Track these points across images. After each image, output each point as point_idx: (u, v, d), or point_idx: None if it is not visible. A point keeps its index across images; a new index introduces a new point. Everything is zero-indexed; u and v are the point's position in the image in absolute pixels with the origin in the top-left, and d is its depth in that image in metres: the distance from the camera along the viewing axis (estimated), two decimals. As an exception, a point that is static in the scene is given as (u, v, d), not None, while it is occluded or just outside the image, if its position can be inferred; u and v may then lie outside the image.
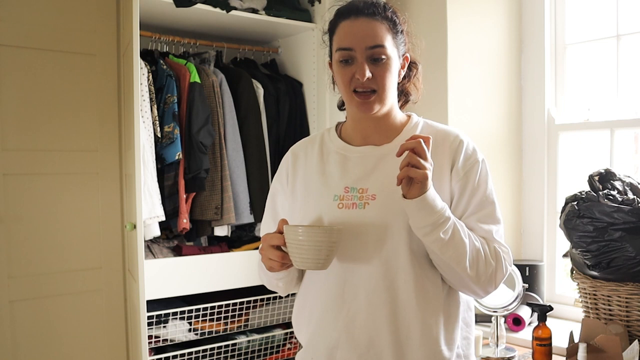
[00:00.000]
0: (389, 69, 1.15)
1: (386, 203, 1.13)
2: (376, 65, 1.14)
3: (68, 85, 2.50)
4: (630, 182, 1.79)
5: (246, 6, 2.38)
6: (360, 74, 1.12)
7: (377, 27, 1.14)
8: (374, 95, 1.15)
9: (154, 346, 2.23)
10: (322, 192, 1.20)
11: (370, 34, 1.13)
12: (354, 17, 1.15)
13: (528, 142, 2.39)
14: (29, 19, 2.41)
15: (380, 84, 1.14)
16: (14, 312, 2.38)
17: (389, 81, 1.15)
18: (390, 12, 1.18)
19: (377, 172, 1.18)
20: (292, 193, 1.28)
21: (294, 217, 1.23)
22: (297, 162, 1.29)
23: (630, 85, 2.14)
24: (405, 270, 1.12)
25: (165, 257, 2.27)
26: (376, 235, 1.13)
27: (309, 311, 1.22)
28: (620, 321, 1.67)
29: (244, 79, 2.44)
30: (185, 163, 2.23)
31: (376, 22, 1.15)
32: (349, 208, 1.16)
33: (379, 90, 1.14)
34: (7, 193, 2.37)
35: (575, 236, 1.72)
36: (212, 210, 2.27)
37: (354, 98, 1.15)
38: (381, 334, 1.13)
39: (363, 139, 1.23)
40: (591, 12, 2.27)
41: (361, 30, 1.13)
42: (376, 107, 1.16)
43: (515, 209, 2.40)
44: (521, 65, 2.40)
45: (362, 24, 1.14)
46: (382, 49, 1.13)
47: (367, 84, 1.13)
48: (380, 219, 1.13)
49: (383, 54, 1.14)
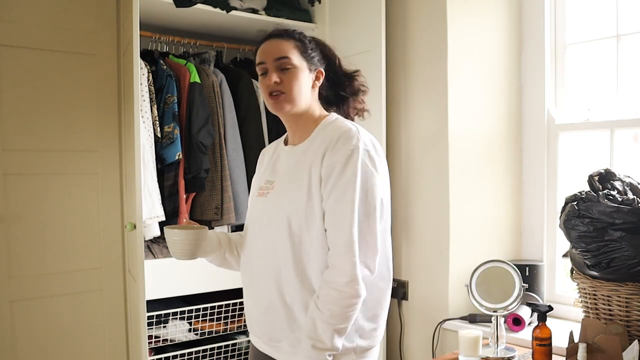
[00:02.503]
0: (296, 76, 1.37)
1: (278, 192, 1.40)
2: (284, 73, 1.37)
3: (68, 85, 2.51)
4: (630, 182, 1.79)
5: (246, 6, 2.38)
6: (269, 79, 1.37)
7: (283, 44, 1.39)
8: (283, 96, 1.36)
9: (154, 346, 2.23)
10: (257, 184, 1.51)
11: (277, 48, 1.38)
12: (267, 38, 1.42)
13: (528, 142, 2.39)
14: (29, 19, 2.41)
15: (287, 87, 1.36)
16: (14, 312, 2.38)
17: (296, 85, 1.37)
18: (298, 35, 1.42)
19: (282, 166, 1.44)
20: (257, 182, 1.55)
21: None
22: (263, 160, 1.57)
23: (630, 85, 2.14)
24: (286, 251, 1.34)
25: (165, 257, 2.27)
26: (269, 218, 1.39)
27: (243, 284, 1.51)
28: (620, 321, 1.67)
29: (244, 79, 2.44)
30: (185, 163, 2.23)
31: (283, 40, 1.40)
32: (262, 196, 1.45)
33: (287, 92, 1.36)
34: (7, 193, 2.37)
35: (575, 236, 1.72)
36: (212, 210, 2.27)
37: (270, 101, 1.39)
38: (272, 294, 1.38)
39: (292, 139, 1.47)
40: (591, 12, 2.27)
41: (270, 47, 1.39)
42: (286, 107, 1.37)
43: (515, 209, 2.40)
44: (521, 65, 2.40)
45: (271, 43, 1.40)
46: (287, 60, 1.37)
47: (276, 87, 1.36)
48: (272, 204, 1.39)
49: (289, 63, 1.37)
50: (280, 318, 1.36)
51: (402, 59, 2.38)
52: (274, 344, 1.40)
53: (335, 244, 1.27)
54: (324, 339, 1.25)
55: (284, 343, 1.37)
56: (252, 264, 1.45)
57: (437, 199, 2.24)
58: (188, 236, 1.40)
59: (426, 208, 2.31)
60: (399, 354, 2.42)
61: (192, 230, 1.42)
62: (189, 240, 1.41)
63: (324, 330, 1.25)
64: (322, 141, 1.35)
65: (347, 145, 1.29)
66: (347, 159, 1.27)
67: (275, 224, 1.36)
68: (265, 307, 1.40)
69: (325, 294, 1.26)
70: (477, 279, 1.90)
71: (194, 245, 1.42)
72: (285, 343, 1.37)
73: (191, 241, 1.41)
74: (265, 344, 1.43)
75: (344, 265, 1.25)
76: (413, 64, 2.35)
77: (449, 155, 2.21)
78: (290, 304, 1.35)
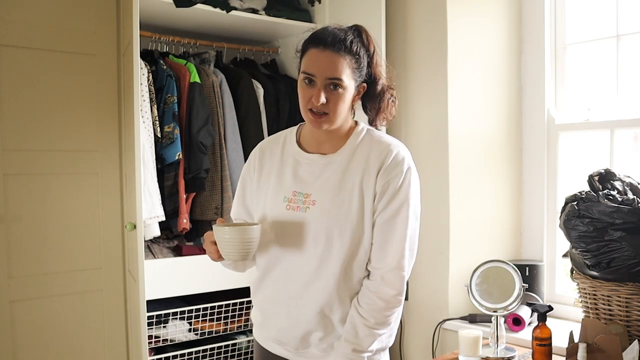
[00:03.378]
0: (343, 99, 1.32)
1: (322, 209, 1.34)
2: (332, 93, 1.31)
3: (68, 85, 2.51)
4: (630, 182, 1.79)
5: (246, 6, 2.38)
6: (316, 99, 1.30)
7: (339, 62, 1.30)
8: (325, 117, 1.32)
9: (154, 346, 2.23)
10: (276, 192, 1.41)
11: (332, 67, 1.30)
12: (322, 47, 1.31)
13: (528, 142, 2.39)
14: (29, 19, 2.41)
15: (332, 109, 1.32)
16: (14, 312, 2.38)
17: (341, 108, 1.33)
18: (357, 48, 1.33)
19: (319, 180, 1.37)
20: (257, 186, 1.46)
21: (258, 206, 1.45)
22: (263, 159, 1.48)
23: (630, 85, 2.14)
24: (335, 266, 1.33)
25: (165, 257, 2.27)
26: (314, 235, 1.34)
27: (261, 289, 1.46)
28: (620, 321, 1.67)
29: (244, 79, 2.44)
30: (185, 163, 2.23)
31: (339, 57, 1.30)
32: (294, 210, 1.37)
33: (330, 114, 1.32)
34: (7, 193, 2.37)
35: (575, 236, 1.72)
36: (212, 210, 2.27)
37: (308, 115, 1.34)
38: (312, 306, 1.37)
39: (316, 146, 1.42)
40: (591, 12, 2.27)
41: (325, 62, 1.30)
42: (325, 126, 1.34)
43: (515, 209, 2.40)
44: (521, 65, 2.40)
45: (326, 57, 1.30)
46: (339, 82, 1.30)
47: (321, 107, 1.31)
48: (317, 222, 1.34)
49: (339, 85, 1.31)
50: (317, 327, 1.37)
51: (402, 59, 2.38)
52: (300, 351, 1.41)
53: (386, 258, 1.33)
54: (365, 344, 1.33)
55: (312, 349, 1.40)
56: (286, 276, 1.40)
57: (437, 199, 2.24)
58: (242, 234, 1.29)
59: (426, 208, 2.28)
60: (399, 353, 2.42)
61: (246, 227, 1.31)
62: (242, 239, 1.29)
63: (366, 335, 1.32)
64: (368, 156, 1.36)
65: (401, 164, 1.35)
66: (403, 179, 1.34)
67: (322, 241, 1.34)
68: (300, 318, 1.38)
69: (370, 302, 1.33)
70: (477, 279, 1.90)
71: (249, 244, 1.30)
72: (314, 349, 1.40)
73: (245, 240, 1.30)
74: (289, 351, 1.43)
75: (394, 279, 1.33)
76: (413, 64, 2.35)
77: (449, 155, 2.21)
78: (329, 314, 1.37)
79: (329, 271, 1.34)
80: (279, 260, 1.40)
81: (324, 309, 1.36)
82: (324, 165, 1.39)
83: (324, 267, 1.34)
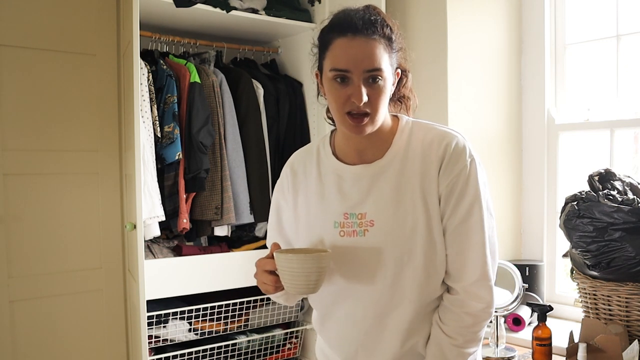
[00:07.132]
0: (384, 91, 1.11)
1: (384, 229, 1.14)
2: (372, 87, 1.09)
3: (68, 85, 2.51)
4: (630, 182, 1.79)
5: (246, 6, 2.38)
6: (357, 98, 1.07)
7: (375, 48, 1.08)
8: (367, 119, 1.10)
9: (154, 346, 2.23)
10: (323, 218, 1.20)
11: (369, 56, 1.07)
12: (351, 35, 1.08)
13: (528, 142, 2.39)
14: (29, 19, 2.41)
15: (374, 107, 1.10)
16: (14, 312, 2.38)
17: (383, 103, 1.11)
18: (387, 29, 1.12)
19: (372, 194, 1.16)
20: (294, 210, 1.26)
21: (298, 235, 1.25)
22: (297, 179, 1.27)
23: (630, 85, 2.14)
24: (411, 292, 1.15)
25: (165, 257, 2.27)
26: (379, 261, 1.14)
27: (327, 328, 1.27)
28: (620, 321, 1.67)
29: (244, 79, 2.44)
30: (185, 163, 2.23)
31: (374, 42, 1.08)
32: (350, 236, 1.16)
33: (372, 113, 1.10)
34: (7, 193, 2.37)
35: (575, 236, 1.72)
36: (212, 210, 2.27)
37: (347, 120, 1.11)
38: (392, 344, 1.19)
39: (357, 155, 1.20)
40: (591, 12, 2.27)
41: (359, 51, 1.07)
42: (368, 129, 1.12)
43: (515, 209, 2.40)
44: (521, 65, 2.40)
45: (360, 45, 1.07)
46: (380, 72, 1.08)
47: (362, 107, 1.08)
48: (380, 245, 1.14)
49: (380, 76, 1.09)
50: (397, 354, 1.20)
51: (402, 59, 2.38)
52: None
53: (467, 269, 1.14)
54: None
55: None
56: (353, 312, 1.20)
57: (437, 199, 2.24)
58: (315, 263, 1.07)
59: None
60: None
61: (320, 255, 1.09)
62: (314, 269, 1.08)
63: (455, 356, 1.15)
64: (423, 154, 1.15)
65: (463, 156, 1.14)
66: (468, 173, 1.13)
67: (390, 267, 1.14)
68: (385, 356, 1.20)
69: (455, 319, 1.15)
70: (477, 279, 1.90)
71: (319, 275, 1.09)
72: None
73: (318, 269, 1.08)
74: None
75: (480, 291, 1.14)
76: (413, 64, 2.34)
77: (449, 155, 2.21)
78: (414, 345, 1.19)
79: (405, 299, 1.15)
80: (343, 295, 1.20)
81: (406, 341, 1.17)
82: (373, 176, 1.17)
83: (397, 296, 1.15)
